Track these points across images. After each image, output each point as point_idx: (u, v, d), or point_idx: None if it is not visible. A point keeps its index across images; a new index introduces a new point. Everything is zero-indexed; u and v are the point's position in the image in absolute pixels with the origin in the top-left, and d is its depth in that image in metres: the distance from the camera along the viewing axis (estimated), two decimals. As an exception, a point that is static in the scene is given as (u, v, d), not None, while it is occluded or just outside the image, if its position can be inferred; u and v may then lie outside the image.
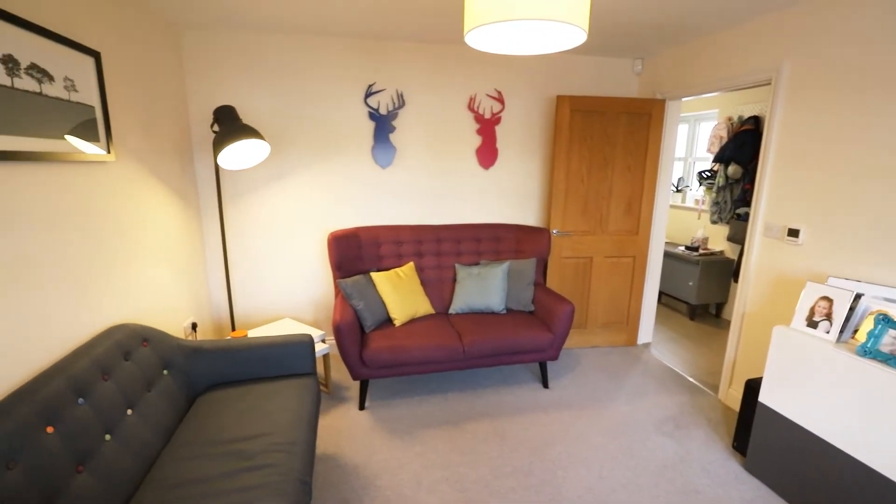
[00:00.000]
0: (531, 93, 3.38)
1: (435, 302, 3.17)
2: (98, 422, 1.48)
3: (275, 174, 3.12)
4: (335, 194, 3.24)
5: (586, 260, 3.48)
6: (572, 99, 3.16)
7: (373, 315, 2.78)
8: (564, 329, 2.83)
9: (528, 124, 3.43)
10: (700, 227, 4.62)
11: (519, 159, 3.47)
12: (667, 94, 3.25)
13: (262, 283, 3.27)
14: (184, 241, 2.77)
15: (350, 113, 3.13)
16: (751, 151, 3.85)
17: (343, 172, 3.22)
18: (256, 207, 3.14)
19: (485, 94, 3.30)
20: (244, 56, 2.91)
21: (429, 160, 3.32)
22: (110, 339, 1.74)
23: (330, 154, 3.17)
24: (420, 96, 3.21)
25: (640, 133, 3.30)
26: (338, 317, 2.52)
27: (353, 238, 3.04)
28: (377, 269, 3.11)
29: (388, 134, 3.20)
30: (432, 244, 3.25)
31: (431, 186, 3.38)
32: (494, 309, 3.06)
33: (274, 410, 1.86)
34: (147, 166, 2.33)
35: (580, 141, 3.25)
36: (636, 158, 3.34)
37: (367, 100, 3.13)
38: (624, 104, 3.22)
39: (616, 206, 3.40)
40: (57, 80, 1.62)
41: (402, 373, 2.67)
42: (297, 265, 3.30)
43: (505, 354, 2.77)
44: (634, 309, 3.62)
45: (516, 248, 3.33)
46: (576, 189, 3.33)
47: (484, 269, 3.13)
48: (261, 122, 3.02)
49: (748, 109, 4.05)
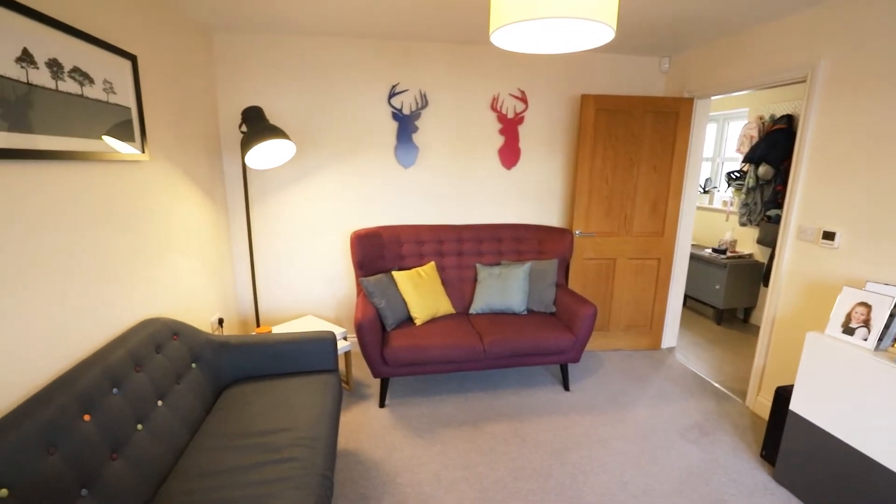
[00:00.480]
0: (555, 92, 3.35)
1: (455, 302, 3.17)
2: (131, 411, 1.53)
3: (299, 174, 3.18)
4: (358, 194, 3.28)
5: (609, 261, 3.42)
6: (597, 98, 3.12)
7: (394, 314, 2.80)
8: (586, 331, 2.79)
9: (551, 124, 3.40)
10: (728, 230, 4.49)
11: (541, 159, 3.45)
12: (695, 93, 3.18)
13: (286, 281, 3.34)
14: (212, 239, 2.85)
15: (374, 113, 3.16)
16: (783, 151, 3.73)
17: (366, 172, 3.25)
18: (281, 206, 3.21)
19: (508, 94, 3.29)
20: (271, 58, 2.98)
21: (451, 160, 3.33)
22: (143, 332, 1.80)
23: (353, 154, 3.21)
24: (443, 96, 3.22)
25: (666, 132, 3.23)
26: (359, 315, 2.55)
27: (375, 237, 3.07)
28: (399, 268, 3.13)
29: (410, 134, 3.22)
30: (453, 244, 3.26)
31: (453, 186, 3.38)
32: (515, 309, 3.05)
33: (297, 405, 1.90)
34: (178, 166, 2.40)
35: (605, 140, 3.20)
36: (663, 158, 3.27)
37: (390, 100, 3.15)
38: (650, 103, 3.16)
39: (641, 207, 3.34)
40: (97, 83, 1.69)
41: (423, 371, 2.68)
42: (320, 263, 3.35)
43: (525, 355, 2.76)
44: (659, 312, 3.54)
45: (538, 249, 3.30)
46: (599, 189, 3.28)
47: (505, 269, 3.11)
48: (286, 123, 3.08)
49: (781, 108, 3.92)
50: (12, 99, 1.33)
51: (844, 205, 2.21)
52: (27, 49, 1.38)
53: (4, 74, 1.30)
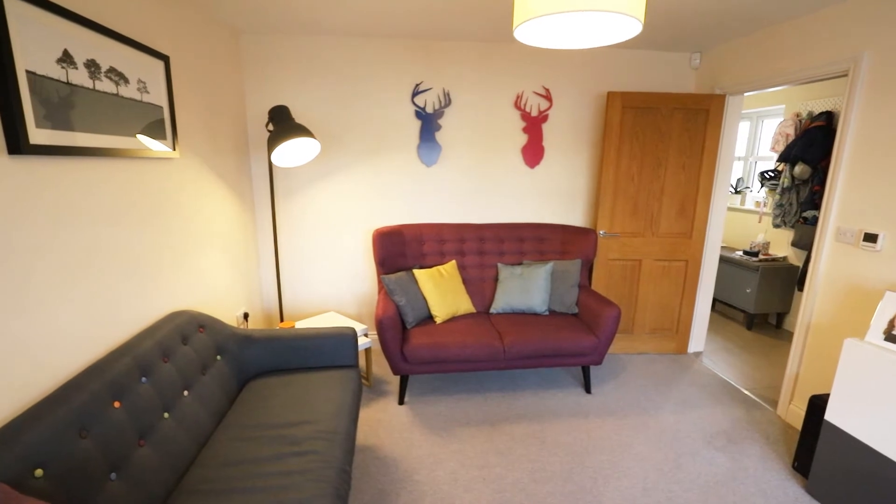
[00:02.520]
0: (580, 89, 3.29)
1: (476, 301, 3.16)
2: (158, 400, 1.59)
3: (323, 172, 3.23)
4: (381, 192, 3.31)
5: (634, 263, 3.35)
6: (624, 95, 3.05)
7: (414, 311, 2.81)
8: (610, 333, 2.73)
9: (576, 122, 3.34)
10: (761, 231, 4.33)
11: (565, 158, 3.40)
12: (727, 89, 3.07)
13: (309, 278, 3.39)
14: (238, 235, 2.92)
15: (397, 112, 3.18)
16: (821, 150, 3.57)
17: (389, 170, 3.27)
18: (306, 204, 3.26)
19: (532, 92, 3.26)
20: (297, 58, 3.03)
21: (473, 158, 3.32)
22: (171, 324, 1.86)
23: (376, 152, 3.24)
24: (466, 94, 3.21)
25: (696, 130, 3.13)
26: (380, 312, 2.57)
27: (396, 235, 3.08)
28: (420, 266, 3.14)
29: (433, 132, 3.22)
30: (475, 243, 3.24)
31: (475, 185, 3.37)
32: (536, 310, 3.01)
33: (317, 400, 1.92)
34: (207, 163, 2.47)
35: (631, 139, 3.13)
36: (692, 157, 3.18)
37: (413, 98, 3.17)
38: (679, 100, 3.07)
39: (668, 207, 3.25)
40: (131, 83, 1.76)
41: (442, 370, 2.68)
42: (342, 260, 3.39)
43: (546, 357, 2.72)
44: (685, 316, 3.44)
45: (561, 249, 3.26)
46: (625, 189, 3.21)
47: (527, 269, 3.08)
48: (311, 122, 3.13)
49: (819, 104, 3.75)
50: (55, 99, 1.39)
51: (889, 205, 2.09)
52: (68, 51, 1.45)
53: (48, 75, 1.37)
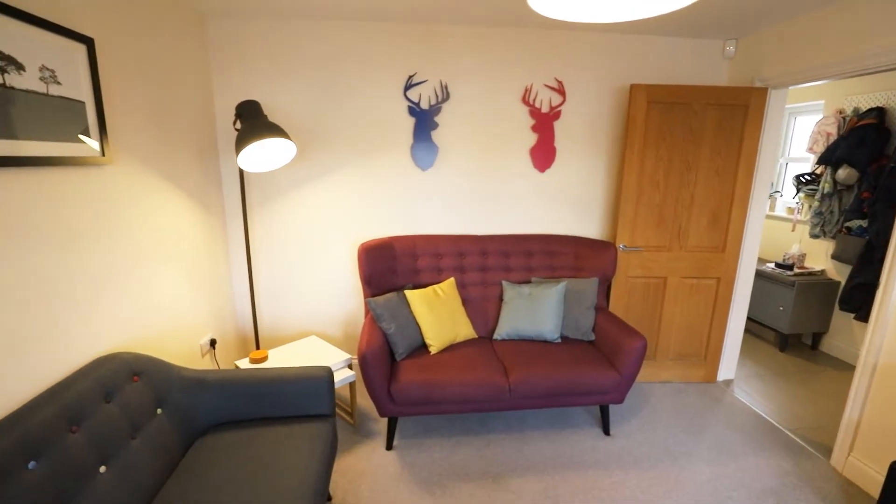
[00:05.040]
0: (597, 82, 2.87)
1: (478, 324, 2.76)
2: (53, 488, 1.20)
3: (304, 177, 2.83)
4: (369, 199, 2.90)
5: (659, 281, 2.93)
6: (649, 88, 2.63)
7: (405, 340, 2.41)
8: (634, 369, 2.33)
9: (592, 119, 2.93)
10: (795, 241, 3.90)
11: (580, 160, 2.98)
12: (769, 82, 2.64)
13: (289, 297, 3.00)
14: (204, 251, 2.53)
15: (387, 108, 2.78)
16: (871, 151, 3.13)
17: (378, 175, 2.87)
18: (285, 213, 2.86)
19: (542, 85, 2.84)
20: (273, 46, 2.62)
21: (475, 161, 2.91)
22: (90, 378, 1.47)
23: (364, 154, 2.83)
24: (467, 88, 2.80)
25: (732, 129, 2.71)
26: (364, 344, 2.17)
27: (386, 249, 2.69)
28: (413, 285, 2.75)
29: (429, 131, 2.82)
30: (476, 257, 2.84)
31: (477, 191, 2.96)
32: (547, 337, 2.61)
33: (278, 469, 1.53)
34: (155, 168, 2.08)
35: (657, 139, 2.71)
36: (727, 160, 2.76)
37: (406, 92, 2.76)
38: (714, 94, 2.65)
39: (699, 217, 2.84)
40: (29, 70, 1.36)
41: (436, 411, 2.28)
42: (326, 277, 3.00)
43: (559, 395, 2.32)
44: (716, 340, 3.03)
45: (575, 265, 2.85)
46: (650, 196, 2.80)
47: (536, 288, 2.68)
48: (290, 119, 2.73)
49: (867, 100, 3.31)
50: None
51: None
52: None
53: None
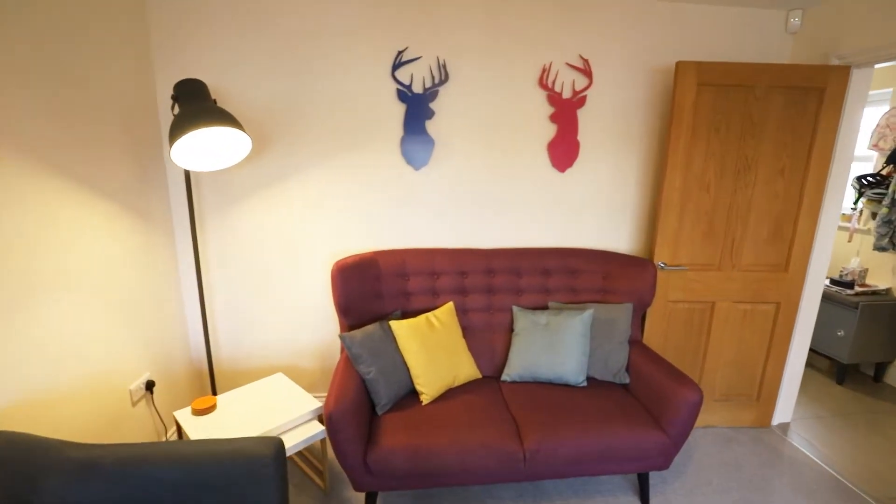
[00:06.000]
0: (632, 61, 2.33)
1: (482, 360, 2.22)
2: None
3: (270, 178, 2.29)
4: (349, 205, 2.37)
5: (705, 306, 2.39)
6: (700, 66, 2.09)
7: (389, 387, 1.88)
8: (686, 428, 1.79)
9: (625, 107, 2.38)
10: (853, 255, 3.35)
11: (610, 158, 2.44)
12: (850, 59, 2.10)
13: (253, 325, 2.46)
14: (139, 272, 2.00)
15: (371, 91, 2.24)
16: (961, 149, 2.59)
17: (361, 175, 2.34)
18: (246, 224, 2.33)
19: (563, 64, 2.30)
20: (233, 18, 2.09)
21: (480, 158, 2.37)
22: None
23: (344, 150, 2.30)
24: (470, 67, 2.26)
25: (803, 119, 2.17)
26: (332, 399, 1.64)
27: (368, 268, 2.15)
28: (402, 311, 2.21)
29: (423, 121, 2.28)
30: (481, 276, 2.30)
31: (482, 195, 2.42)
32: (570, 380, 2.07)
33: None
34: (59, 170, 1.55)
35: (708, 131, 2.17)
36: (795, 158, 2.21)
37: (395, 72, 2.22)
38: (782, 74, 2.10)
39: (757, 228, 2.29)
40: None
41: (429, 485, 1.75)
42: (298, 300, 2.46)
43: (588, 462, 1.79)
44: (772, 377, 2.48)
45: (603, 287, 2.31)
46: (697, 203, 2.25)
47: (555, 316, 2.14)
48: (253, 107, 2.20)
49: (951, 87, 2.76)
50: None
51: None
52: None
53: None
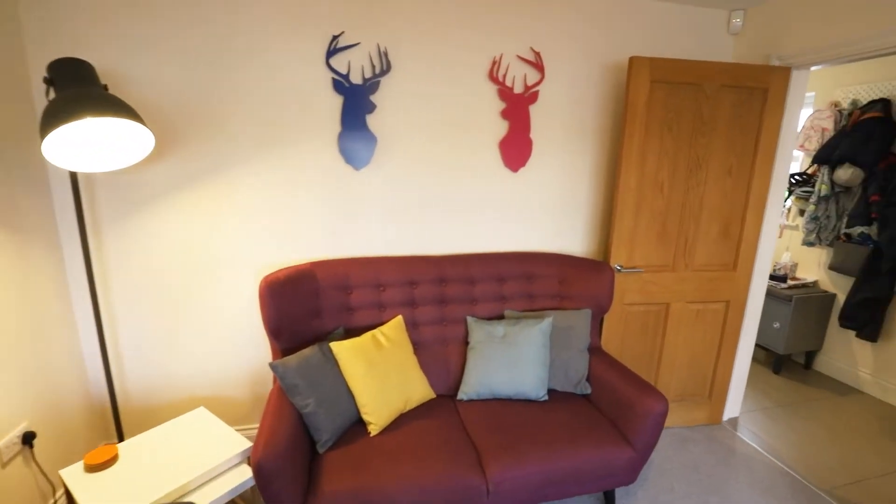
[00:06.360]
0: (584, 56, 2.24)
1: (436, 378, 2.03)
2: None
3: (186, 179, 1.95)
4: (280, 211, 2.08)
5: (660, 308, 2.35)
6: (654, 63, 2.02)
7: (332, 419, 1.64)
8: (653, 439, 1.71)
9: (577, 103, 2.28)
10: (783, 250, 3.52)
11: (563, 157, 2.33)
12: (790, 61, 2.13)
13: (168, 353, 2.10)
14: (9, 297, 1.60)
15: (303, 80, 1.97)
16: (879, 148, 2.75)
17: (293, 176, 2.06)
18: (156, 235, 1.97)
19: (514, 57, 2.16)
20: (122, -20, 1.74)
21: (428, 157, 2.17)
22: None
23: (272, 147, 2.01)
24: (414, 57, 2.05)
25: (749, 118, 2.17)
26: (261, 444, 1.37)
27: (304, 281, 1.88)
28: (344, 329, 1.96)
29: (364, 115, 2.05)
30: (432, 286, 2.11)
31: (432, 197, 2.23)
32: (530, 395, 1.93)
33: None
34: None
35: (661, 129, 2.12)
36: (742, 157, 2.21)
37: (329, 60, 1.97)
38: (730, 73, 2.09)
39: (708, 227, 2.28)
40: None
41: (381, 530, 1.53)
42: (223, 321, 2.13)
43: (556, 486, 1.65)
44: (723, 374, 2.50)
45: (559, 293, 2.20)
46: (651, 203, 2.20)
47: (513, 327, 1.99)
48: (163, 99, 1.85)
49: (866, 91, 2.94)
50: None
51: None
52: None
53: None
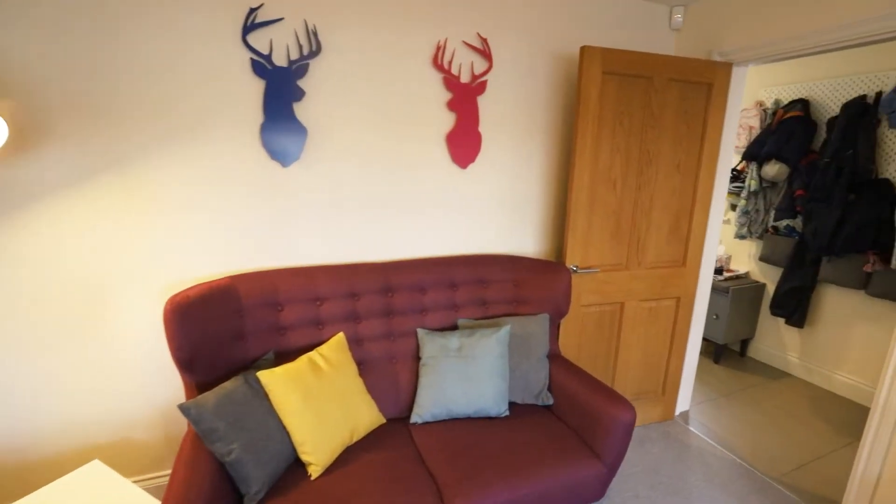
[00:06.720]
0: (533, 45, 2.11)
1: (385, 400, 1.80)
2: None
3: (66, 179, 1.56)
4: (191, 216, 1.74)
5: (615, 308, 2.28)
6: (605, 53, 1.93)
7: (262, 466, 1.36)
8: (621, 450, 1.60)
9: (528, 95, 2.15)
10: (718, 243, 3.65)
11: (514, 152, 2.19)
12: (731, 57, 2.14)
13: (48, 393, 1.68)
14: None
15: (215, 60, 1.66)
16: (800, 145, 2.90)
17: (203, 174, 1.73)
18: (28, 244, 1.56)
19: (460, 42, 1.98)
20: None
21: (367, 153, 1.94)
22: None
23: (179, 140, 1.67)
24: (348, 37, 1.81)
25: (695, 113, 2.16)
26: None
27: (222, 300, 1.58)
28: (275, 354, 1.68)
29: (290, 103, 1.77)
30: (377, 297, 1.88)
31: (373, 197, 1.99)
32: (490, 412, 1.76)
33: None
34: None
35: (613, 123, 2.04)
36: (689, 152, 2.20)
37: (246, 36, 1.67)
38: (677, 67, 2.05)
39: (659, 224, 2.25)
40: None
41: None
42: (120, 351, 1.74)
43: (523, 514, 1.49)
44: (674, 370, 2.50)
45: (515, 298, 2.05)
46: (605, 200, 2.12)
47: (468, 338, 1.81)
48: (27, 76, 1.46)
49: (787, 91, 3.10)
50: None
51: None
52: None
53: None
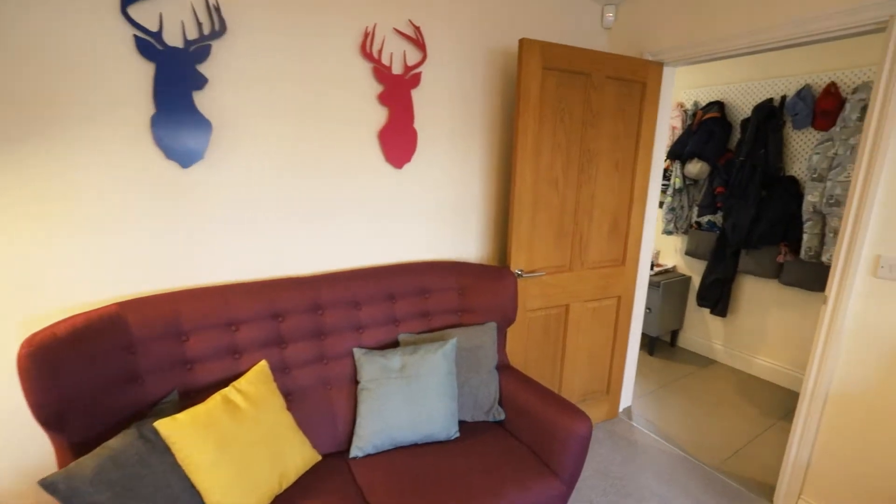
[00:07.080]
0: (469, 38, 1.97)
1: (320, 434, 1.57)
2: None
3: None
4: (58, 232, 1.40)
5: (560, 310, 2.23)
6: (545, 48, 1.85)
7: (162, 539, 1.09)
8: (578, 464, 1.52)
9: (465, 90, 2.01)
10: (647, 239, 3.78)
11: (452, 151, 2.05)
12: (662, 57, 2.16)
13: None
14: None
15: (86, 33, 1.33)
16: (720, 145, 3.06)
17: (78, 178, 1.39)
18: None
19: (391, 30, 1.79)
20: None
21: (288, 150, 1.69)
22: None
23: (40, 137, 1.33)
24: (259, 16, 1.56)
25: (631, 111, 2.15)
26: None
27: (104, 334, 1.26)
28: (179, 393, 1.39)
29: (189, 91, 1.48)
30: (305, 316, 1.64)
31: (296, 202, 1.75)
32: (439, 436, 1.60)
33: None
34: None
35: (554, 120, 1.97)
36: (626, 151, 2.19)
37: (127, 9, 1.37)
38: (614, 65, 2.02)
39: (600, 223, 2.22)
40: None
41: None
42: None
43: (481, 551, 1.35)
44: (618, 368, 2.50)
45: (460, 307, 1.91)
46: (547, 200, 2.04)
47: (411, 356, 1.64)
48: None
49: (704, 94, 3.27)
50: None
51: None
52: None
53: None
